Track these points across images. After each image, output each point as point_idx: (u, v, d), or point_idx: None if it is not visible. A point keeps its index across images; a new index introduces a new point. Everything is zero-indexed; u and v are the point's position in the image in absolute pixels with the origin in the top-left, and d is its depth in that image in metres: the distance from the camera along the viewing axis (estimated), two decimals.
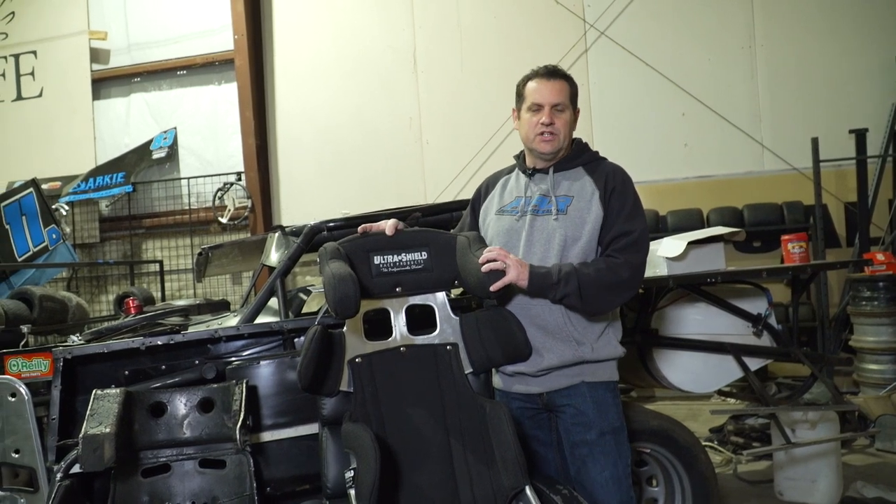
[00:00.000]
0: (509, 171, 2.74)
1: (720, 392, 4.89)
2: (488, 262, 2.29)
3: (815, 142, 6.68)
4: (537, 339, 2.46)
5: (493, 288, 2.28)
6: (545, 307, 2.45)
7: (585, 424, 2.46)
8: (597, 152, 2.63)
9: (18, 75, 9.71)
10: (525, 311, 2.48)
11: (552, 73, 2.53)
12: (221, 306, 4.74)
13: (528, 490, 2.21)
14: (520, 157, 2.69)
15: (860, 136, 6.62)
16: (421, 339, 2.51)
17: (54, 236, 8.37)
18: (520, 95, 2.58)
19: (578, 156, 2.58)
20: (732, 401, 5.29)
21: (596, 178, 2.50)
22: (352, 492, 2.16)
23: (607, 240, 2.44)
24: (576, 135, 2.65)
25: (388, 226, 2.51)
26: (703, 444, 3.88)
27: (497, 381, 2.65)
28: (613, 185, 2.47)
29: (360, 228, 2.54)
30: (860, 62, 7.38)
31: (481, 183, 2.82)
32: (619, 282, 2.38)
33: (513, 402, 2.59)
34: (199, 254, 4.70)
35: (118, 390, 2.69)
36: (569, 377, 2.47)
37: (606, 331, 2.52)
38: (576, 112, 2.57)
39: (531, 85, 2.53)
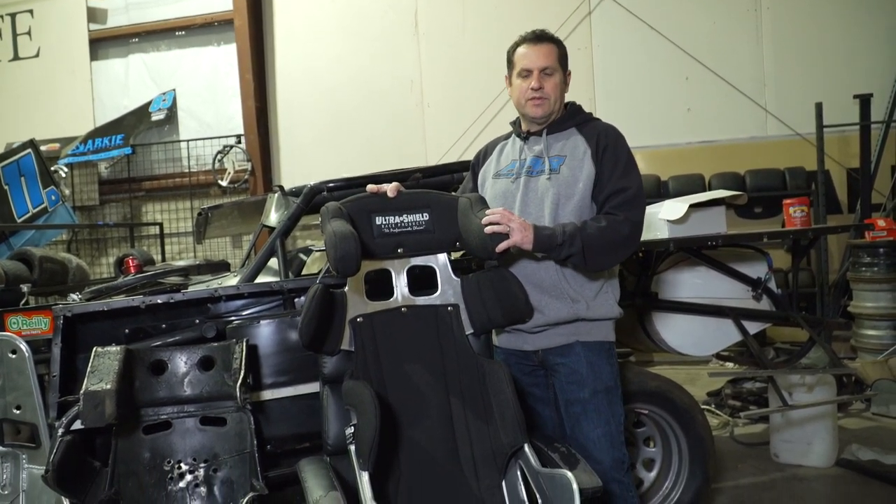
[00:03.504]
0: (506, 137, 2.78)
1: (718, 356, 4.92)
2: (492, 224, 2.29)
3: (818, 107, 6.64)
4: (534, 297, 2.48)
5: (497, 249, 2.29)
6: (541, 265, 2.50)
7: (579, 383, 2.50)
8: (590, 113, 2.65)
9: (15, 35, 9.61)
10: (521, 269, 2.52)
11: (539, 37, 2.56)
12: (221, 267, 4.73)
13: (526, 448, 2.23)
14: (515, 123, 2.72)
15: (864, 101, 6.57)
16: (422, 300, 2.51)
17: (53, 198, 8.33)
18: (510, 62, 2.62)
19: (571, 117, 2.60)
20: (731, 364, 5.32)
21: (588, 137, 2.52)
22: (352, 448, 2.18)
23: (603, 197, 2.46)
24: (578, 98, 2.67)
25: (389, 188, 2.50)
26: (701, 407, 3.90)
27: (496, 338, 2.69)
28: (605, 142, 2.48)
29: (368, 188, 2.53)
30: (866, 27, 7.30)
31: (480, 149, 2.86)
32: (620, 239, 2.40)
33: (510, 358, 2.65)
34: (199, 214, 4.69)
35: (119, 348, 2.70)
36: (564, 336, 2.51)
37: (604, 289, 2.54)
38: (567, 75, 2.59)
39: (520, 51, 2.57)
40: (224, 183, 8.77)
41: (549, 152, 2.55)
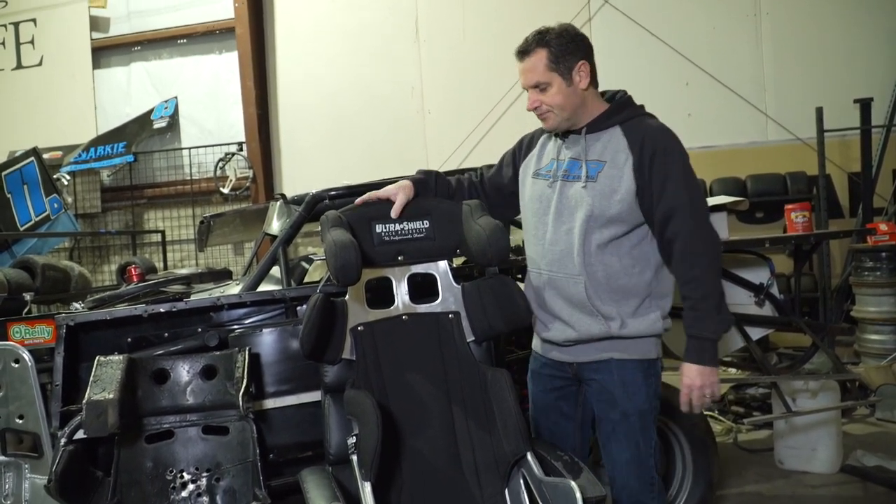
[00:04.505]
0: None
1: (721, 362, 4.90)
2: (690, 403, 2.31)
3: (819, 111, 6.63)
4: (564, 311, 2.37)
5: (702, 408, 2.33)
6: (568, 279, 2.34)
7: (610, 402, 2.36)
8: (641, 107, 2.41)
9: (18, 44, 9.64)
10: (550, 283, 2.40)
11: (522, 51, 2.34)
12: (224, 275, 4.74)
13: (529, 456, 2.22)
14: None
15: (865, 105, 6.57)
16: (423, 308, 2.50)
17: (56, 205, 8.35)
18: None
19: (616, 112, 2.35)
20: (733, 370, 5.30)
21: (631, 141, 2.27)
22: (354, 457, 2.17)
23: (660, 215, 2.24)
24: None
25: (393, 211, 2.45)
26: (704, 413, 3.89)
27: (535, 343, 2.59)
28: (653, 149, 2.23)
29: (358, 201, 2.51)
30: (866, 31, 7.30)
31: (526, 135, 2.64)
32: (715, 275, 2.26)
33: (545, 368, 2.54)
34: (202, 222, 4.69)
35: (121, 357, 2.70)
36: (598, 350, 2.36)
37: (645, 304, 2.33)
38: (575, 69, 2.30)
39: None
40: (226, 190, 8.77)
41: (587, 155, 2.32)
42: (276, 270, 3.42)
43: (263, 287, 3.33)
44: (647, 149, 2.24)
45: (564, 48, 2.30)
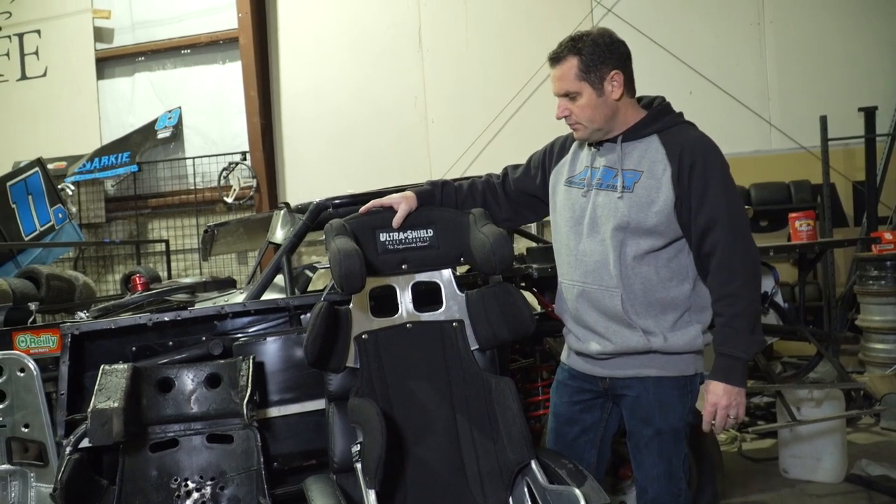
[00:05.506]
0: None
1: None
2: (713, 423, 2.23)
3: (823, 120, 6.62)
4: (599, 323, 2.31)
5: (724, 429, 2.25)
6: (603, 291, 2.27)
7: (643, 420, 2.31)
8: (679, 114, 2.32)
9: (23, 55, 9.67)
10: (584, 295, 2.33)
11: (553, 58, 2.27)
12: (227, 284, 4.74)
13: (533, 464, 2.23)
14: None
15: (869, 114, 6.56)
16: (427, 316, 2.51)
17: (60, 216, 8.38)
18: None
19: (654, 121, 2.26)
20: None
21: (670, 151, 2.19)
22: (358, 466, 2.17)
23: (698, 228, 2.17)
24: None
25: (394, 221, 2.46)
26: None
27: (564, 355, 2.56)
28: (692, 160, 2.15)
29: (362, 209, 2.51)
30: (870, 39, 7.31)
31: (557, 138, 2.55)
32: (752, 297, 2.19)
33: (573, 380, 2.48)
34: (206, 231, 4.70)
35: (126, 366, 2.70)
36: (636, 366, 2.29)
37: (685, 318, 2.26)
38: (605, 80, 2.22)
39: None
40: (229, 200, 8.79)
41: (623, 164, 2.24)
42: (279, 279, 3.43)
43: (267, 296, 3.33)
44: (687, 159, 2.16)
45: (597, 57, 2.23)
